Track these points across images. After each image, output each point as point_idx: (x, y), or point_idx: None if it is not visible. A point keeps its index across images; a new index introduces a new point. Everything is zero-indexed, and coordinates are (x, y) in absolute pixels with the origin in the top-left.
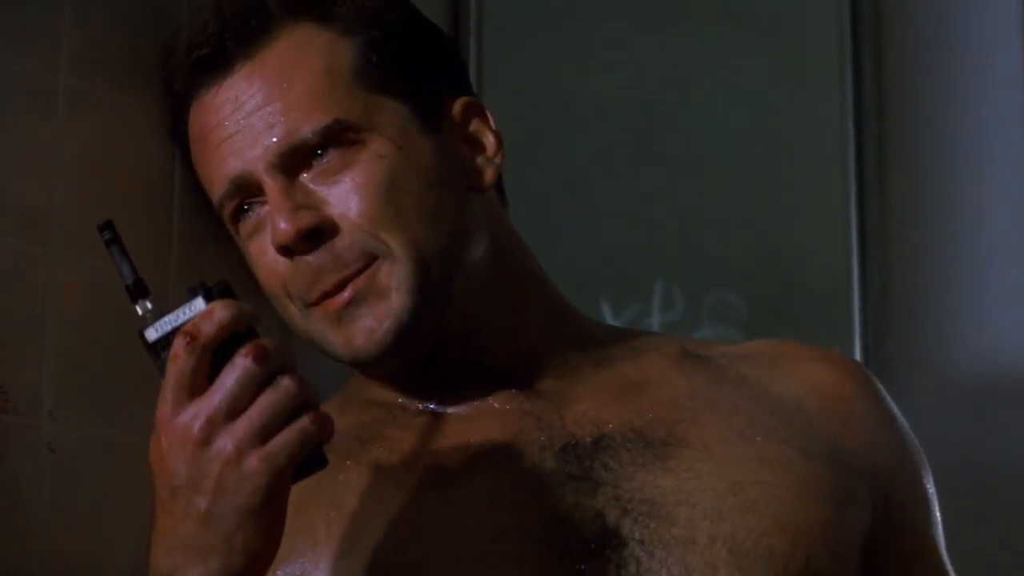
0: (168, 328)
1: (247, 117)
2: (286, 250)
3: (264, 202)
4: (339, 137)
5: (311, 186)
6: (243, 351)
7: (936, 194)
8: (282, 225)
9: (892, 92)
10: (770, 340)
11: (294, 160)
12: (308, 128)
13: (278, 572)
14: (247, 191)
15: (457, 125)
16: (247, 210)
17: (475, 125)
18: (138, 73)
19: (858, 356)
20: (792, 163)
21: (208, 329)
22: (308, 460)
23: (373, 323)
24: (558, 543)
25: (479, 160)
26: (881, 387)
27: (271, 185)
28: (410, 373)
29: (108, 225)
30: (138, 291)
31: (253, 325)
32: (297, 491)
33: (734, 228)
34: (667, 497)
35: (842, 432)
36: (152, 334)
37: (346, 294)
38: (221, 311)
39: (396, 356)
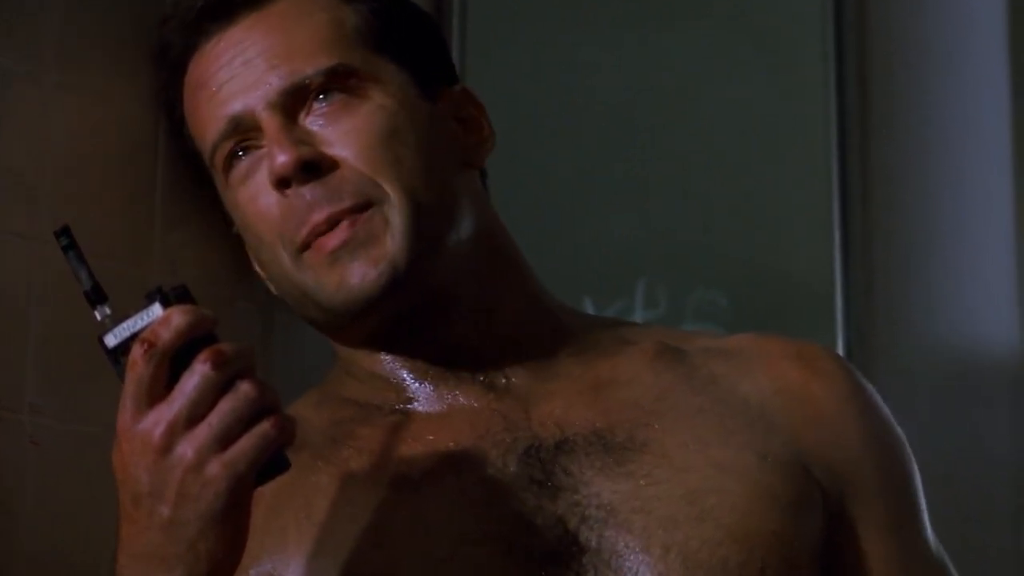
0: (126, 334)
1: (249, 61)
2: (283, 182)
3: (259, 146)
4: (342, 82)
5: (311, 128)
6: (201, 357)
7: (918, 194)
8: (281, 157)
9: (875, 91)
10: (751, 335)
11: (295, 100)
12: (312, 69)
13: (250, 572)
14: (243, 132)
15: (453, 106)
16: (240, 155)
17: (468, 111)
18: (122, 69)
19: (840, 354)
20: (775, 162)
21: (166, 336)
22: (270, 464)
23: (367, 266)
24: (520, 549)
25: (472, 139)
26: (860, 382)
27: (270, 122)
28: (387, 345)
29: (65, 231)
30: (96, 297)
31: (212, 329)
32: (270, 492)
33: (717, 227)
34: (624, 504)
35: (805, 435)
36: (111, 340)
37: (342, 232)
38: (178, 317)
39: (387, 304)
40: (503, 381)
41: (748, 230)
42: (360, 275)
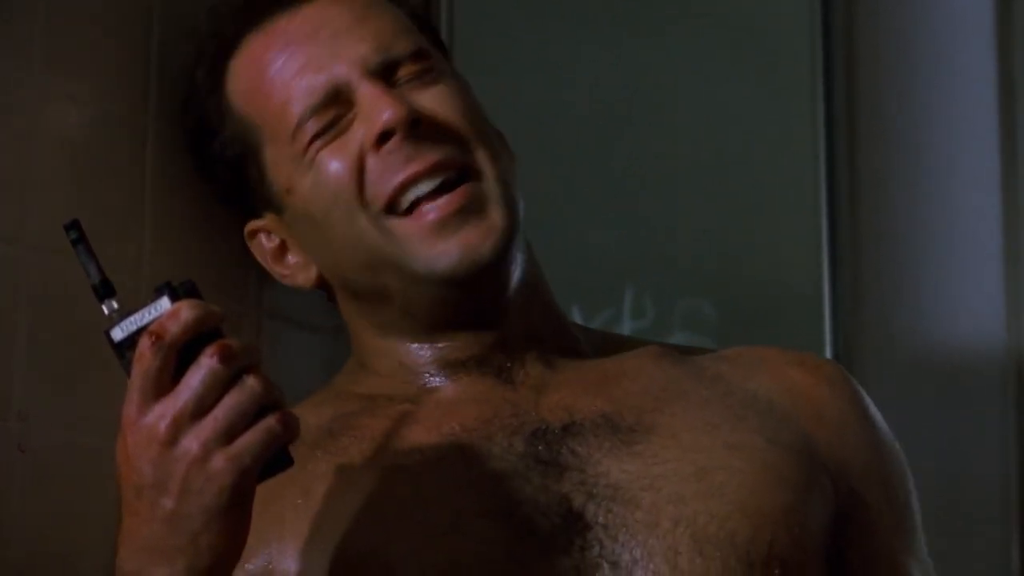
0: (134, 328)
1: (335, 36)
2: (386, 135)
3: (345, 116)
4: (424, 62)
5: (405, 91)
6: (208, 351)
7: (907, 200)
8: (391, 109)
9: (863, 97)
10: (750, 346)
11: (388, 71)
12: (399, 48)
13: (247, 565)
14: (339, 101)
15: None
16: (328, 128)
17: None
18: (111, 75)
19: None
20: (763, 170)
21: (174, 329)
22: (274, 459)
23: (476, 238)
24: (522, 524)
25: None
26: (860, 391)
27: (369, 87)
28: (444, 326)
29: (74, 224)
30: (104, 291)
31: (219, 325)
32: (266, 486)
33: (705, 236)
34: (632, 482)
35: (812, 428)
36: (118, 334)
37: (455, 199)
38: (187, 311)
39: (493, 275)
40: (519, 375)
41: (736, 238)
42: (477, 241)
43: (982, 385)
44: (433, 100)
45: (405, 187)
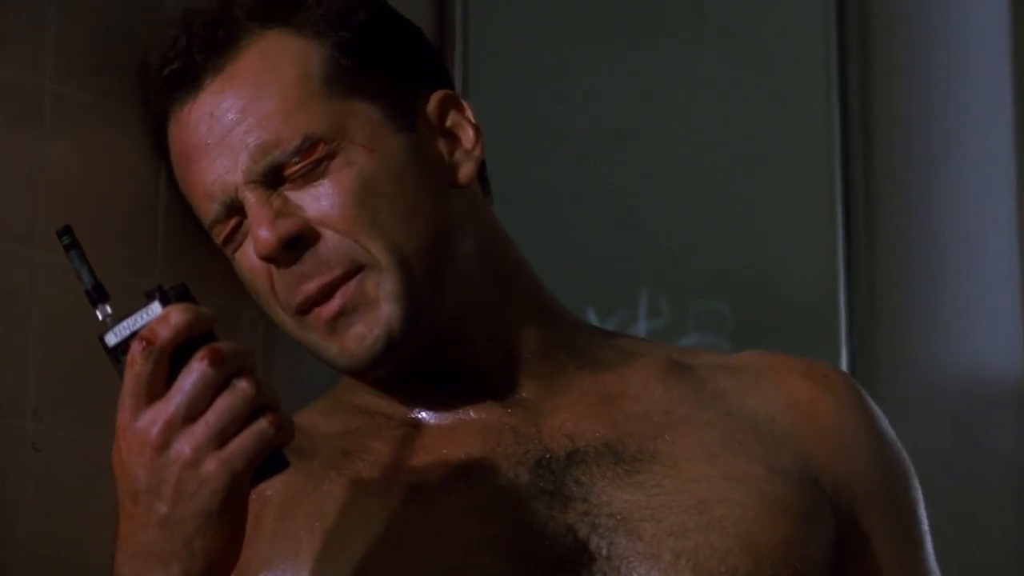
0: (126, 333)
1: (224, 136)
2: (269, 260)
3: (245, 221)
4: (311, 151)
5: (288, 195)
6: (199, 355)
7: (922, 205)
8: (263, 234)
9: (878, 102)
10: (758, 352)
11: (271, 175)
12: (280, 150)
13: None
14: (236, 210)
15: (433, 120)
16: (232, 234)
17: (452, 119)
18: (122, 80)
19: (844, 365)
20: (778, 173)
21: (164, 333)
22: (268, 462)
23: (364, 330)
24: (529, 556)
25: (457, 155)
26: (869, 402)
27: (250, 200)
28: (398, 377)
29: (67, 230)
30: (97, 296)
31: (211, 328)
32: (280, 498)
33: (720, 237)
34: (634, 513)
35: (814, 449)
36: (112, 339)
37: (335, 303)
38: (177, 315)
39: (389, 362)
40: (512, 395)
41: (751, 241)
42: (357, 341)
43: (998, 391)
44: (317, 202)
45: (304, 305)
